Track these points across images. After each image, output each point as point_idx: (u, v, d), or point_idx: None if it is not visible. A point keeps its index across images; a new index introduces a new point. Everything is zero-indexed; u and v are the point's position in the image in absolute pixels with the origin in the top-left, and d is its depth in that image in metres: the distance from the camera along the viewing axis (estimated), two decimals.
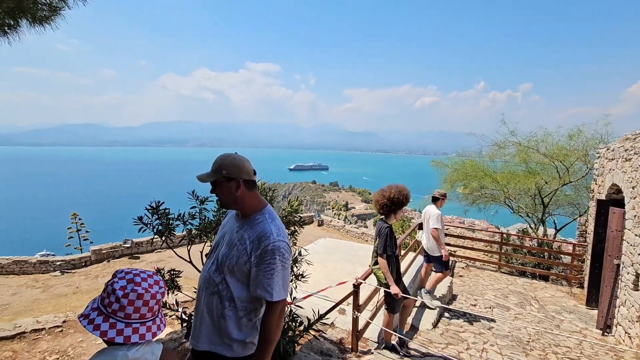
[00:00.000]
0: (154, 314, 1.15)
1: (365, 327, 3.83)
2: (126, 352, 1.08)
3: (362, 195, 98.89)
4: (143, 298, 1.10)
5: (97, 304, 1.11)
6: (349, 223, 24.13)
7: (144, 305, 1.10)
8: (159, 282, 1.17)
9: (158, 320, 1.17)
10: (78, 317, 1.10)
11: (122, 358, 1.07)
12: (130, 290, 1.09)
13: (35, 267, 13.03)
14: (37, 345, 4.84)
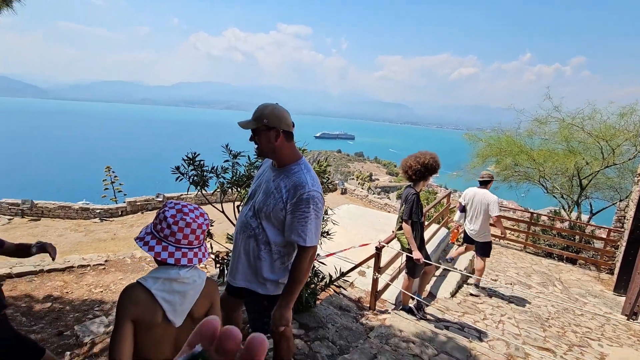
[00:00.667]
0: (200, 242, 1.25)
1: (384, 289, 3.95)
2: (178, 271, 1.20)
3: (387, 167, 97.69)
4: (191, 227, 1.19)
5: (150, 229, 1.22)
6: (372, 194, 24.11)
7: (191, 232, 1.19)
8: (204, 214, 1.27)
9: (203, 248, 1.27)
10: (135, 239, 1.22)
11: (175, 275, 1.19)
12: (179, 219, 1.18)
13: (78, 213, 14.11)
14: (83, 279, 5.38)
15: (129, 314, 1.13)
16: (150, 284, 1.17)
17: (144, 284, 1.17)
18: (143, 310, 1.14)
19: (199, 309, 1.29)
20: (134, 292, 1.16)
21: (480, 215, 4.71)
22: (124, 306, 1.13)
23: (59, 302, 4.64)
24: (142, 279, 1.19)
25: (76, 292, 4.96)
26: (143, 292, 1.16)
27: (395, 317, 3.53)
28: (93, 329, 3.70)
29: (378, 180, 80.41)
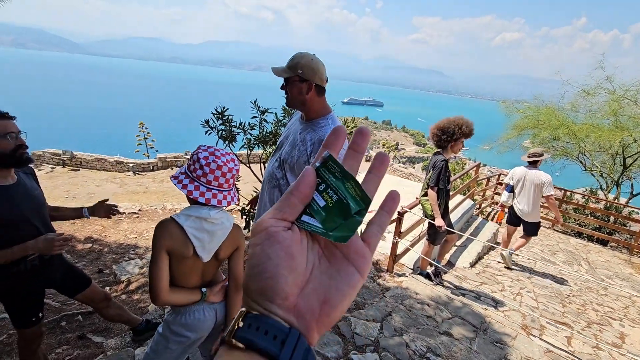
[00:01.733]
0: (230, 185, 1.30)
1: (403, 253, 4.00)
2: (208, 211, 1.27)
3: (415, 138, 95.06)
4: (222, 169, 1.24)
5: (184, 169, 1.27)
6: (397, 163, 23.76)
7: (222, 175, 1.25)
8: (234, 159, 1.31)
9: (232, 192, 1.32)
10: (170, 177, 1.29)
11: (205, 214, 1.26)
12: (211, 161, 1.23)
13: (113, 166, 14.89)
14: (119, 225, 5.78)
15: (164, 245, 1.22)
16: (183, 220, 1.24)
17: (177, 220, 1.25)
18: (176, 243, 1.24)
19: (225, 251, 1.37)
20: (168, 226, 1.24)
21: (532, 195, 4.50)
22: (159, 238, 1.22)
23: (98, 244, 5.05)
24: (175, 216, 1.26)
25: (113, 236, 5.36)
26: (176, 227, 1.24)
27: (412, 281, 3.59)
28: (129, 269, 4.02)
29: (404, 150, 78.75)
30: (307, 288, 0.32)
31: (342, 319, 2.63)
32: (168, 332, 1.36)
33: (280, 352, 0.28)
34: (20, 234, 1.63)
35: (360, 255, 0.34)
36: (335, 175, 0.34)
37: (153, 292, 1.23)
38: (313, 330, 0.31)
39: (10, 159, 1.54)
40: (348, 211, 0.33)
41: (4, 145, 1.51)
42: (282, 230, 0.32)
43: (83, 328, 2.84)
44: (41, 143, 16.69)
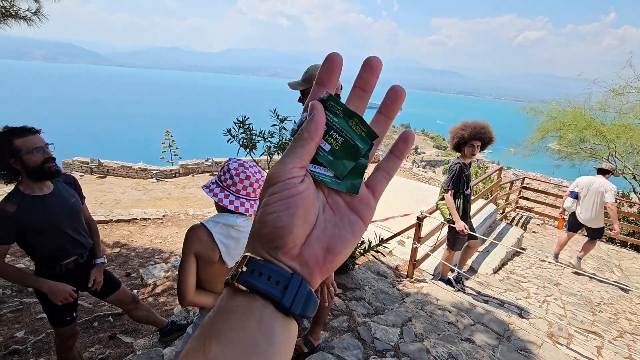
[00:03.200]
0: (256, 195, 1.38)
1: (423, 259, 3.96)
2: (235, 219, 1.36)
3: (435, 141, 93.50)
4: (250, 179, 1.34)
5: (215, 180, 1.37)
6: (416, 167, 23.47)
7: (250, 185, 1.34)
8: (261, 171, 1.40)
9: (256, 202, 1.38)
10: (202, 187, 1.38)
11: (232, 222, 1.35)
12: (240, 171, 1.33)
13: (137, 173, 15.43)
14: (145, 230, 6.00)
15: (193, 249, 1.30)
16: (211, 226, 1.33)
17: (206, 225, 1.33)
18: (204, 247, 1.32)
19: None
20: (198, 231, 1.33)
21: (597, 202, 4.72)
22: (189, 242, 1.31)
23: (126, 249, 5.25)
24: (205, 222, 1.35)
25: (139, 241, 5.56)
26: (205, 232, 1.33)
27: (432, 286, 3.55)
28: (155, 273, 4.17)
29: (424, 154, 77.63)
30: (311, 236, 0.31)
31: (362, 323, 2.64)
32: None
33: (282, 296, 0.29)
34: (54, 241, 1.75)
35: (364, 204, 0.34)
36: (336, 114, 0.32)
37: (180, 293, 1.30)
38: (316, 276, 0.32)
39: (39, 172, 1.65)
40: (357, 152, 0.32)
41: (32, 160, 1.62)
42: (300, 181, 0.31)
43: (113, 328, 2.98)
44: (71, 152, 17.54)
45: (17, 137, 1.59)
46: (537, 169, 30.30)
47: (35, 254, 1.74)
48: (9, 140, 1.57)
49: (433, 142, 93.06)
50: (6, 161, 1.58)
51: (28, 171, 1.63)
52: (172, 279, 4.09)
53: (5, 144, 1.57)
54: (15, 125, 1.65)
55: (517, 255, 5.79)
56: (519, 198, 8.53)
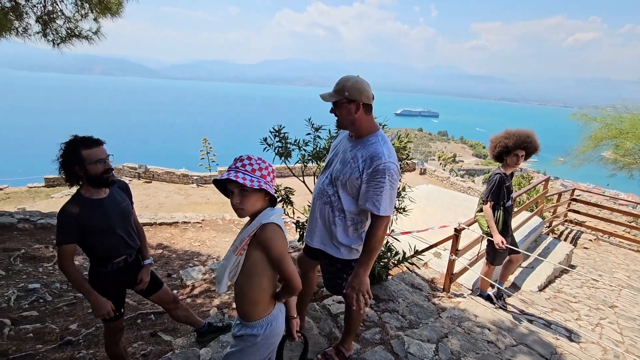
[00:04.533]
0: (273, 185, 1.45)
1: (460, 272, 3.80)
2: (273, 214, 1.38)
3: (474, 149, 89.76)
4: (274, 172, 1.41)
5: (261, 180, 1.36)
6: (454, 176, 22.62)
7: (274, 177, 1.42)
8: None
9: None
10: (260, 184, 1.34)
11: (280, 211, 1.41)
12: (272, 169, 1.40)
13: (180, 178, 16.28)
14: (185, 233, 6.30)
15: (285, 244, 1.38)
16: (278, 221, 1.38)
17: (278, 223, 1.38)
18: (285, 241, 1.40)
19: None
20: (281, 230, 1.38)
21: None
22: (283, 240, 1.37)
23: (167, 250, 5.54)
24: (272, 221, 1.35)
25: (180, 244, 5.85)
26: (279, 227, 1.38)
27: (470, 302, 3.39)
28: (194, 275, 4.35)
29: (462, 162, 74.72)
30: None
31: (395, 337, 2.58)
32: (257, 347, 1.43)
33: None
34: (108, 241, 1.90)
35: None
36: None
37: (297, 283, 1.39)
38: None
39: (99, 181, 1.82)
40: None
41: (95, 169, 1.78)
42: None
43: (155, 326, 3.14)
44: (121, 157, 18.91)
45: (85, 147, 1.76)
46: (589, 180, 28.01)
47: (91, 253, 1.90)
48: (77, 149, 1.74)
49: (472, 150, 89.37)
50: (72, 168, 1.76)
51: (89, 178, 1.80)
52: (209, 281, 4.25)
53: (73, 153, 1.74)
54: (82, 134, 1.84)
55: (565, 272, 5.37)
56: (568, 211, 7.94)
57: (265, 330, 1.42)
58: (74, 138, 1.79)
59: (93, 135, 1.84)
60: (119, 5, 4.67)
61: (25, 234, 5.09)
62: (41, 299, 3.46)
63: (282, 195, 3.55)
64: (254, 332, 1.41)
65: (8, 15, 4.12)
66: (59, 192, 14.23)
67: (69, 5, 4.46)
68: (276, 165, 3.68)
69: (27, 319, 3.10)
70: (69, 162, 1.75)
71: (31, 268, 4.10)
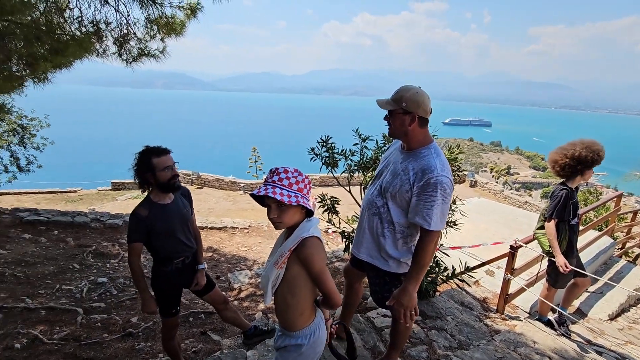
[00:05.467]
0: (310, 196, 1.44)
1: (517, 293, 3.53)
2: (312, 226, 1.38)
3: (532, 160, 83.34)
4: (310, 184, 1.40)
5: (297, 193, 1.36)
6: (508, 189, 21.17)
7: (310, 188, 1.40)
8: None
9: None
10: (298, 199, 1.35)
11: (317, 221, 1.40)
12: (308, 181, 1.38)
13: (228, 185, 17.08)
14: (233, 238, 6.58)
15: (325, 259, 1.38)
16: (318, 234, 1.39)
17: (317, 235, 1.38)
18: (325, 253, 1.40)
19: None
20: (320, 243, 1.37)
21: None
22: (322, 254, 1.36)
23: (217, 254, 5.82)
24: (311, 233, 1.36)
25: (228, 248, 6.11)
26: (319, 240, 1.38)
27: (528, 326, 3.13)
28: (241, 278, 4.52)
29: (518, 175, 69.63)
30: None
31: (443, 356, 2.46)
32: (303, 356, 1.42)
33: None
34: (169, 243, 2.07)
35: None
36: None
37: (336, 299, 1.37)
38: None
39: (166, 186, 2.00)
40: None
41: (163, 176, 1.96)
42: None
43: (205, 325, 3.30)
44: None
45: (155, 156, 1.96)
46: None
47: (155, 253, 2.07)
48: (149, 158, 1.95)
49: (529, 162, 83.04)
50: (144, 175, 1.96)
51: (158, 184, 1.98)
52: (254, 285, 4.38)
53: (146, 161, 1.94)
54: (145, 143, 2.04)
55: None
56: None
57: (310, 340, 1.41)
58: (146, 148, 1.98)
59: (161, 145, 2.03)
60: (183, 26, 5.10)
61: (96, 232, 5.67)
62: (108, 292, 3.81)
63: (328, 205, 3.59)
64: (299, 342, 1.40)
65: (91, 38, 4.69)
66: (123, 195, 15.66)
67: (140, 28, 4.96)
68: (321, 174, 3.76)
69: (96, 310, 3.43)
70: (142, 169, 1.94)
71: (100, 263, 4.54)
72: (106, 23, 4.74)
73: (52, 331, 2.94)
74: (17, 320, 3.04)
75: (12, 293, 3.50)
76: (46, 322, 3.08)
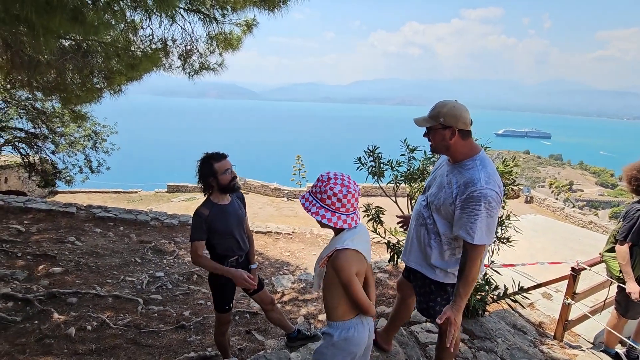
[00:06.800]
0: (355, 208, 1.49)
1: (578, 320, 3.23)
2: (358, 229, 1.50)
3: (598, 176, 75.56)
4: (355, 197, 1.46)
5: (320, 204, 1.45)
6: (570, 206, 19.39)
7: (355, 201, 1.46)
8: (355, 182, 1.48)
9: (355, 215, 1.50)
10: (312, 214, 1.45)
11: (359, 231, 1.50)
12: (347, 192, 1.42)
13: (272, 192, 17.61)
14: (277, 243, 6.78)
15: (353, 271, 1.44)
16: (352, 245, 1.45)
17: (351, 247, 1.45)
18: (358, 264, 1.47)
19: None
20: (348, 256, 1.44)
21: None
22: (348, 266, 1.43)
23: (261, 257, 6.02)
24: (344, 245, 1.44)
25: (272, 252, 6.30)
26: (352, 252, 1.45)
27: (591, 357, 2.86)
28: (284, 282, 4.64)
29: (582, 192, 63.48)
30: None
31: None
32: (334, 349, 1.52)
33: None
34: (226, 242, 2.21)
35: None
36: None
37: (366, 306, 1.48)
38: None
39: (227, 188, 2.16)
40: None
41: (225, 178, 2.12)
42: None
43: (249, 325, 3.44)
44: None
45: (216, 161, 2.12)
46: None
47: (212, 250, 2.23)
48: (210, 163, 2.12)
49: (595, 177, 75.35)
50: (207, 179, 2.13)
51: (220, 187, 2.15)
52: (297, 290, 4.47)
53: (208, 167, 2.11)
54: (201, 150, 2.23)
55: None
56: None
57: (341, 334, 1.50)
58: (206, 155, 2.16)
59: (219, 151, 2.19)
60: (239, 41, 5.45)
61: (155, 230, 6.17)
62: (164, 286, 4.13)
63: (373, 214, 3.59)
64: (330, 332, 1.53)
65: (159, 54, 5.19)
66: (177, 197, 16.81)
67: (201, 44, 5.39)
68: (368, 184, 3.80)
69: (154, 301, 3.73)
70: (205, 174, 2.12)
71: (158, 259, 4.93)
72: (173, 40, 5.22)
73: (117, 317, 3.25)
74: (89, 305, 3.40)
75: (85, 280, 3.94)
76: (112, 308, 3.42)
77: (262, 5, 4.39)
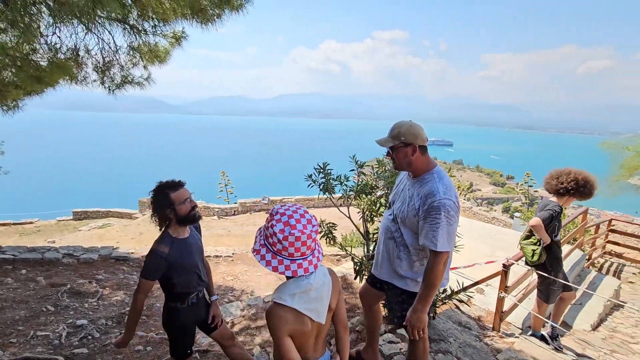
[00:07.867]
0: (312, 249, 1.26)
1: (510, 310, 3.66)
2: (308, 281, 1.25)
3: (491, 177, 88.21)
4: (300, 240, 1.19)
5: (263, 241, 1.26)
6: (476, 205, 22.15)
7: (302, 245, 1.20)
8: (311, 220, 1.24)
9: (316, 252, 1.28)
10: (252, 251, 1.27)
11: (307, 286, 1.25)
12: (288, 233, 1.18)
13: (201, 211, 16.56)
14: (218, 267, 6.34)
15: (285, 332, 1.22)
16: (290, 302, 1.23)
17: (286, 304, 1.23)
18: (295, 324, 1.24)
19: (333, 301, 1.38)
20: (282, 314, 1.22)
21: None
22: (278, 326, 1.21)
23: None
24: (281, 300, 1.24)
25: (214, 277, 5.82)
26: (289, 311, 1.22)
27: (525, 342, 3.24)
28: (232, 311, 4.34)
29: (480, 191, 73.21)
30: None
31: None
32: None
33: None
34: (188, 278, 1.98)
35: None
36: None
37: None
38: None
39: (188, 219, 1.93)
40: None
41: (184, 209, 1.90)
42: None
43: None
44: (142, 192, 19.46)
45: (172, 190, 1.88)
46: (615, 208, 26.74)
47: (173, 289, 1.96)
48: (166, 193, 1.86)
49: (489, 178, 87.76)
50: (164, 211, 1.87)
51: (178, 218, 1.90)
52: (248, 317, 4.21)
53: (163, 197, 1.86)
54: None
55: (616, 309, 5.08)
56: (607, 242, 7.61)
57: None
58: (160, 184, 1.92)
59: (175, 179, 1.97)
60: (167, 54, 5.07)
61: (70, 268, 5.24)
62: (90, 336, 3.51)
63: (325, 231, 3.60)
64: None
65: (69, 63, 4.53)
66: (87, 225, 14.66)
67: (122, 55, 4.87)
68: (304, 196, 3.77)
69: (79, 357, 3.14)
70: (161, 205, 1.86)
71: (77, 303, 4.18)
72: (86, 50, 4.61)
73: None
74: None
75: None
76: None
77: (195, 18, 4.16)
